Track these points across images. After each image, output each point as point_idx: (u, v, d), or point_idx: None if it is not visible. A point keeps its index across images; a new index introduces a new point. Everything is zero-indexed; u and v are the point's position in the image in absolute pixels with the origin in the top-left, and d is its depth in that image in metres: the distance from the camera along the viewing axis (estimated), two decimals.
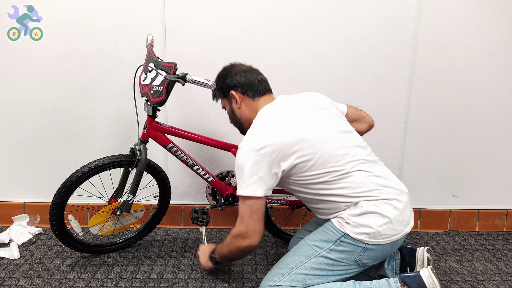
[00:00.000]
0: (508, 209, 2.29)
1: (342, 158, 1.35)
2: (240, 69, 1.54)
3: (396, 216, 1.33)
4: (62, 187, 1.63)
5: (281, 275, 1.35)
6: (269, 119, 1.40)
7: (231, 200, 1.85)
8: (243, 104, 1.52)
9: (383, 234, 1.32)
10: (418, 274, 1.33)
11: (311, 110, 1.44)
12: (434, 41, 2.07)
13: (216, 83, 1.57)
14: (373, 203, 1.33)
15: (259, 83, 1.52)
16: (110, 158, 1.69)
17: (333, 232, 1.37)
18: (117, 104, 2.07)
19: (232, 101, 1.55)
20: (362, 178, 1.35)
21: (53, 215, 1.63)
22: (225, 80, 1.54)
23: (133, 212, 1.88)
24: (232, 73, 1.53)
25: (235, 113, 1.57)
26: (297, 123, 1.38)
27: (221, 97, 1.59)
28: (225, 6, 1.98)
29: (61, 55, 2.01)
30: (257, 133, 1.38)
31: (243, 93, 1.51)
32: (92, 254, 1.86)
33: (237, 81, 1.51)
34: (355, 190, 1.34)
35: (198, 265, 1.80)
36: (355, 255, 1.34)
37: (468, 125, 2.18)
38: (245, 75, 1.52)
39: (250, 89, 1.51)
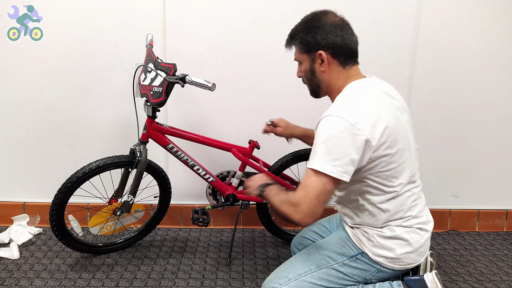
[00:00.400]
0: (508, 209, 2.29)
1: (409, 174, 1.26)
2: (335, 24, 1.25)
3: (419, 246, 1.29)
4: (62, 187, 1.64)
5: (288, 279, 1.31)
6: (369, 98, 1.20)
7: (231, 201, 1.84)
8: (330, 68, 1.26)
9: (401, 262, 1.28)
10: (422, 278, 1.31)
11: (401, 111, 1.27)
12: (434, 41, 2.07)
13: (300, 33, 1.30)
14: (406, 230, 1.27)
15: (354, 47, 1.26)
16: (110, 159, 1.69)
17: (350, 248, 1.32)
18: (117, 104, 2.07)
19: (316, 61, 1.27)
20: (410, 200, 1.27)
21: (53, 215, 1.64)
22: (316, 35, 1.24)
23: (133, 212, 1.88)
24: (326, 28, 1.23)
25: (315, 75, 1.29)
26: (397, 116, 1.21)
27: (302, 51, 1.30)
28: (225, 6, 1.98)
29: (61, 55, 2.01)
30: (356, 104, 1.17)
31: (333, 57, 1.24)
32: (92, 254, 1.86)
33: (332, 41, 1.22)
34: (400, 211, 1.26)
35: (198, 265, 1.80)
36: (367, 274, 1.31)
37: (468, 125, 2.18)
38: (341, 35, 1.23)
39: (344, 54, 1.24)
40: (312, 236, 1.56)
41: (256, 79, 2.07)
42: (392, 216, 1.25)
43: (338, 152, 1.13)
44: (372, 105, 1.18)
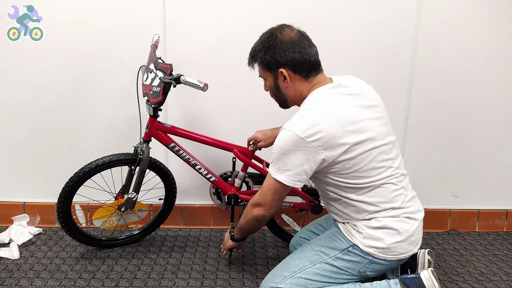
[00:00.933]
0: (508, 209, 2.29)
1: (385, 167, 1.28)
2: (292, 40, 1.26)
3: (410, 235, 1.30)
4: (69, 181, 1.70)
5: (283, 277, 1.34)
6: (326, 107, 1.23)
7: (233, 201, 1.84)
8: (293, 82, 1.30)
9: (393, 251, 1.30)
10: (418, 276, 1.32)
11: (367, 107, 1.29)
12: (434, 41, 2.07)
13: (259, 53, 1.32)
14: (393, 219, 1.29)
15: (314, 59, 1.28)
16: (116, 156, 1.74)
17: (341, 241, 1.34)
18: (117, 104, 2.07)
19: (278, 78, 1.31)
20: (391, 191, 1.29)
21: (60, 207, 1.70)
22: (274, 54, 1.27)
23: (137, 211, 1.90)
24: (283, 46, 1.26)
25: (280, 90, 1.34)
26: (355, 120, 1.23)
27: (264, 69, 1.34)
28: (225, 6, 1.98)
29: (61, 55, 2.01)
30: (313, 114, 1.21)
31: (294, 72, 1.28)
32: (93, 246, 1.90)
33: (290, 59, 1.25)
34: (384, 203, 1.29)
35: (198, 265, 1.80)
36: (360, 266, 1.32)
37: (468, 125, 2.18)
38: (299, 51, 1.25)
39: (304, 69, 1.27)
40: (310, 236, 1.57)
41: (256, 79, 2.06)
42: (375, 207, 1.29)
43: (289, 164, 1.22)
44: (327, 116, 1.21)
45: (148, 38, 1.97)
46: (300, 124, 1.20)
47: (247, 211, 1.39)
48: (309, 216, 2.12)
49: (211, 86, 2.00)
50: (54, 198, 2.02)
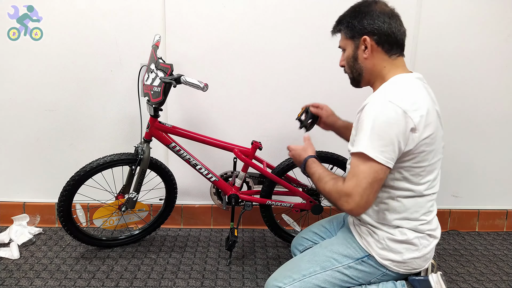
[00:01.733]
0: (508, 209, 2.29)
1: (434, 177, 1.23)
2: (384, 11, 1.23)
3: (427, 253, 1.28)
4: (70, 180, 1.70)
5: (292, 279, 1.30)
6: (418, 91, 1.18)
7: (234, 201, 1.84)
8: (373, 54, 1.23)
9: (407, 266, 1.27)
10: (426, 278, 1.30)
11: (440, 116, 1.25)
12: (434, 41, 2.07)
13: (347, 18, 1.27)
14: (417, 235, 1.25)
15: (401, 37, 1.24)
16: (117, 156, 1.75)
17: (356, 250, 1.30)
18: (117, 104, 2.07)
19: (359, 47, 1.24)
20: (429, 205, 1.25)
21: (61, 206, 1.71)
22: (363, 19, 1.22)
23: (137, 211, 1.90)
24: (374, 14, 1.21)
25: (357, 61, 1.27)
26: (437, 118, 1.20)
27: (347, 36, 1.28)
28: (225, 6, 1.98)
29: (61, 55, 2.01)
30: (406, 93, 1.14)
31: (378, 44, 1.22)
32: (93, 246, 1.91)
33: (377, 27, 1.20)
34: (418, 212, 1.23)
35: (198, 265, 1.80)
36: (372, 277, 1.29)
37: (468, 125, 2.18)
38: (389, 22, 1.21)
39: (389, 42, 1.22)
40: (312, 237, 1.55)
41: (257, 79, 2.07)
42: (408, 216, 1.22)
43: (387, 138, 1.09)
44: (422, 99, 1.16)
45: (148, 38, 1.97)
46: (399, 97, 1.12)
47: (331, 191, 1.19)
48: (310, 216, 2.12)
49: (211, 86, 2.01)
50: (54, 198, 2.02)
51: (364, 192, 1.11)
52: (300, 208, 1.92)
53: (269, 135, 2.12)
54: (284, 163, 1.89)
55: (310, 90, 2.08)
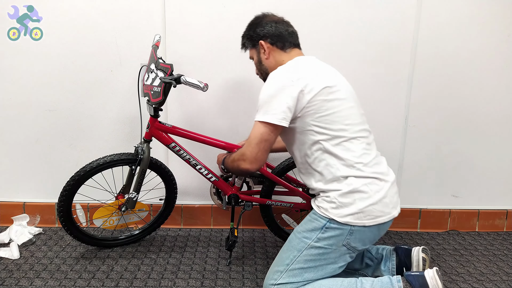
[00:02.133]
0: (508, 209, 2.29)
1: (357, 121, 1.39)
2: (271, 19, 1.53)
3: (382, 197, 1.34)
4: (70, 180, 1.70)
5: (279, 272, 1.37)
6: (306, 64, 1.43)
7: (234, 201, 1.84)
8: (272, 55, 1.51)
9: (368, 215, 1.32)
10: (422, 274, 1.33)
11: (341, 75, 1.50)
12: (434, 41, 2.07)
13: (246, 32, 1.59)
14: (362, 181, 1.34)
15: (289, 35, 1.51)
16: (117, 156, 1.75)
17: (318, 220, 1.37)
18: (117, 104, 2.07)
19: (260, 51, 1.54)
20: (360, 148, 1.37)
21: (61, 206, 1.70)
22: (256, 29, 1.53)
23: (137, 211, 1.90)
24: (263, 23, 1.52)
25: (262, 64, 1.55)
26: (333, 73, 1.43)
27: (250, 47, 1.58)
28: (225, 6, 1.98)
29: (61, 55, 2.01)
30: (290, 65, 1.42)
31: (272, 44, 1.50)
32: (93, 246, 1.90)
33: (267, 31, 1.50)
34: (353, 157, 1.35)
35: (198, 265, 1.80)
36: (342, 238, 1.34)
37: (468, 125, 2.18)
38: (275, 26, 1.50)
39: (280, 40, 1.49)
40: None
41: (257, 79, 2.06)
42: (345, 163, 1.34)
43: (276, 102, 1.32)
44: (310, 66, 1.41)
45: (148, 38, 1.97)
46: (284, 70, 1.40)
47: (233, 160, 1.44)
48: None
49: (211, 86, 2.01)
50: (54, 198, 2.02)
51: (253, 149, 1.35)
52: (300, 208, 1.92)
53: None
54: (284, 163, 1.89)
55: None
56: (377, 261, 1.56)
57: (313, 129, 1.36)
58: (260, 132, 1.34)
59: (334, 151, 1.35)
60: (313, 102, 1.33)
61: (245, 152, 1.37)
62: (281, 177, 1.88)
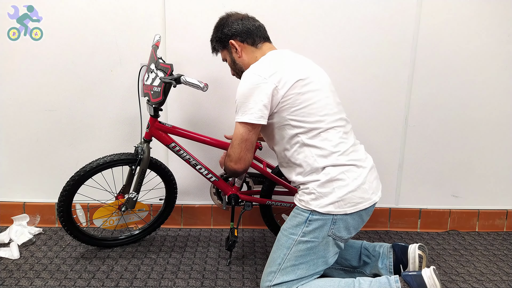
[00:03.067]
0: (508, 209, 2.29)
1: (333, 110, 1.40)
2: (237, 18, 1.51)
3: (361, 184, 1.35)
4: (70, 180, 1.70)
5: (273, 273, 1.37)
6: (278, 58, 1.43)
7: (234, 201, 1.84)
8: (244, 52, 1.50)
9: (350, 202, 1.33)
10: (419, 273, 1.32)
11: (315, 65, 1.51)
12: (434, 41, 2.07)
13: (213, 35, 1.57)
14: (339, 169, 1.35)
15: (257, 30, 1.50)
16: (117, 156, 1.75)
17: (301, 214, 1.39)
18: (117, 104, 2.07)
19: (232, 51, 1.52)
20: (337, 137, 1.38)
21: (61, 206, 1.70)
22: (223, 30, 1.51)
23: (137, 211, 1.90)
24: (229, 22, 1.50)
25: (236, 63, 1.54)
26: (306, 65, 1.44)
27: (221, 49, 1.57)
28: (225, 6, 1.98)
29: (61, 55, 2.01)
30: (261, 61, 1.41)
31: (242, 41, 1.49)
32: (93, 246, 1.90)
33: (235, 30, 1.49)
34: (330, 147, 1.36)
35: (198, 265, 1.80)
36: (326, 229, 1.35)
37: (468, 125, 2.18)
38: (242, 23, 1.49)
39: (249, 36, 1.49)
40: None
41: None
42: (322, 153, 1.36)
43: (251, 102, 1.33)
44: (281, 60, 1.41)
45: (148, 38, 1.97)
46: (256, 68, 1.38)
47: (224, 160, 1.47)
48: None
49: (211, 86, 2.01)
50: (54, 198, 2.02)
51: (235, 150, 1.38)
52: None
53: None
54: None
55: None
56: (374, 258, 1.56)
57: (290, 123, 1.38)
58: (240, 132, 1.37)
59: (311, 143, 1.37)
60: (288, 97, 1.35)
61: (229, 153, 1.41)
62: (281, 177, 1.88)
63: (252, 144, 1.39)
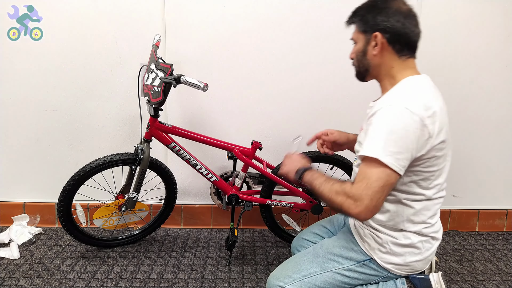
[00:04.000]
0: (508, 209, 2.29)
1: (443, 180, 1.24)
2: (401, 10, 1.19)
3: (429, 255, 1.27)
4: (70, 180, 1.70)
5: (292, 279, 1.30)
6: (431, 94, 1.18)
7: (234, 201, 1.84)
8: (382, 54, 1.21)
9: (410, 269, 1.27)
10: (427, 277, 1.29)
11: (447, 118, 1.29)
12: (434, 41, 2.07)
13: (362, 10, 1.24)
14: (420, 238, 1.24)
15: (414, 38, 1.22)
16: (117, 156, 1.75)
17: (357, 253, 1.29)
18: (117, 104, 2.07)
19: (370, 42, 1.21)
20: (436, 208, 1.24)
21: (61, 206, 1.70)
22: (377, 15, 1.18)
23: (137, 211, 1.90)
24: (390, 12, 1.17)
25: (366, 57, 1.25)
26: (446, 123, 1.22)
27: (359, 29, 1.24)
28: (225, 6, 1.98)
29: (61, 55, 2.01)
30: (423, 98, 1.13)
31: (389, 42, 1.19)
32: (93, 246, 1.91)
33: (391, 25, 1.17)
34: (425, 215, 1.21)
35: (198, 265, 1.80)
36: (373, 279, 1.29)
37: (468, 125, 2.18)
38: (403, 22, 1.17)
39: (401, 42, 1.19)
40: (313, 238, 1.55)
41: (256, 79, 2.07)
42: (414, 219, 1.20)
43: (403, 146, 1.07)
44: (436, 104, 1.16)
45: (148, 38, 1.97)
46: (415, 104, 1.10)
47: (337, 194, 1.12)
48: (310, 216, 2.12)
49: (211, 86, 2.00)
50: (54, 198, 2.02)
51: (374, 195, 1.07)
52: (300, 208, 1.92)
53: (269, 135, 2.12)
54: None
55: (309, 90, 2.08)
56: None
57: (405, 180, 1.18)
58: (387, 174, 1.08)
59: (410, 205, 1.20)
60: (429, 153, 1.15)
61: (361, 196, 1.08)
62: (281, 177, 1.88)
63: (390, 190, 1.13)
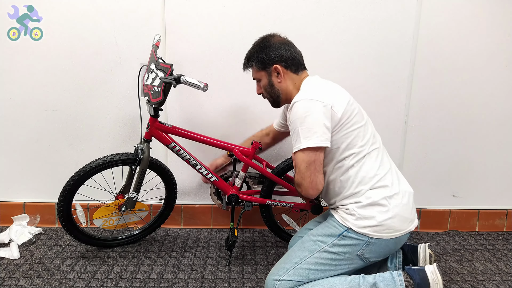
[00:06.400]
0: (508, 209, 2.29)
1: (373, 137, 1.45)
2: (282, 42, 1.51)
3: (401, 212, 1.35)
4: (70, 180, 1.70)
5: (285, 269, 1.38)
6: (321, 84, 1.46)
7: (233, 201, 1.84)
8: (285, 78, 1.50)
9: (388, 229, 1.34)
10: (423, 268, 1.36)
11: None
12: (434, 41, 2.07)
13: (255, 53, 1.53)
14: (381, 194, 1.35)
15: (300, 58, 1.52)
16: (117, 156, 1.75)
17: (336, 227, 1.39)
18: (117, 104, 2.07)
19: (272, 75, 1.51)
20: (378, 162, 1.40)
21: (61, 206, 1.70)
22: (269, 52, 1.49)
23: (137, 211, 1.90)
24: (276, 46, 1.49)
25: (274, 87, 1.52)
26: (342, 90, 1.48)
27: (259, 69, 1.54)
28: (225, 6, 1.98)
29: (61, 55, 2.01)
30: (314, 88, 1.42)
31: (286, 68, 1.49)
32: (93, 246, 1.91)
33: (282, 55, 1.47)
34: (373, 170, 1.38)
35: (198, 265, 1.80)
36: (357, 249, 1.36)
37: (468, 125, 2.18)
38: (289, 49, 1.49)
39: (294, 63, 1.49)
40: None
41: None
42: (362, 174, 1.38)
43: (314, 122, 1.33)
44: (331, 87, 1.45)
45: (148, 38, 1.97)
46: (310, 93, 1.38)
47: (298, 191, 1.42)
48: (310, 216, 2.12)
49: (211, 86, 2.00)
50: (54, 198, 2.02)
51: (305, 175, 1.34)
52: (300, 208, 1.92)
53: None
54: (284, 163, 1.89)
55: None
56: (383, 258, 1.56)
57: (340, 146, 1.39)
58: (303, 158, 1.34)
59: (357, 166, 1.40)
60: (342, 119, 1.38)
61: (299, 181, 1.39)
62: (281, 177, 1.88)
63: (321, 163, 1.36)
